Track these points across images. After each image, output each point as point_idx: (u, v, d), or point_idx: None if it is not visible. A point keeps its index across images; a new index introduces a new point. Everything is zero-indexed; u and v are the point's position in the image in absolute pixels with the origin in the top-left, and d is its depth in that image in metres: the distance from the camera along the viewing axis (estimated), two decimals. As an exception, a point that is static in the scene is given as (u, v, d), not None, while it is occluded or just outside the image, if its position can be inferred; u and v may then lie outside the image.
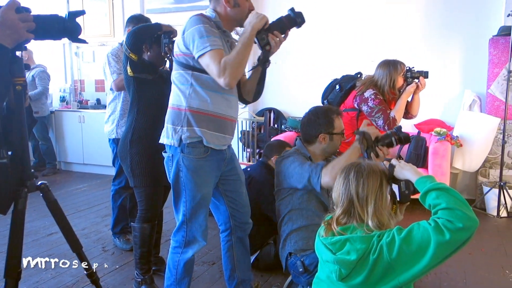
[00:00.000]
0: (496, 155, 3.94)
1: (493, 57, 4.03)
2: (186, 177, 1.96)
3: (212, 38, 1.82)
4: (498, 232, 3.51)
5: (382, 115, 2.81)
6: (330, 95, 3.08)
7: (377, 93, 2.88)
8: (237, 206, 2.17)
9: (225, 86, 1.82)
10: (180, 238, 2.04)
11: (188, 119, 1.94)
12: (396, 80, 2.90)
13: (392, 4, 4.63)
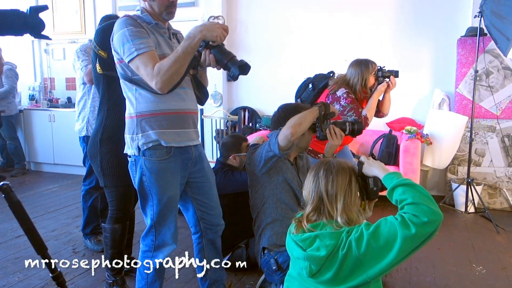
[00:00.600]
0: (464, 153, 4.06)
1: (461, 57, 4.15)
2: (150, 180, 1.91)
3: (138, 41, 1.76)
4: (466, 228, 3.61)
5: (354, 114, 2.85)
6: (303, 93, 3.11)
7: (349, 92, 2.92)
8: (206, 208, 2.13)
9: (158, 90, 1.77)
10: (149, 242, 2.00)
11: (141, 125, 1.88)
12: (367, 79, 2.95)
13: (364, 5, 4.70)
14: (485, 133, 4.05)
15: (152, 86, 1.77)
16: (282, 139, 2.08)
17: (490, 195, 4.08)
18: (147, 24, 1.88)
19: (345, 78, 3.00)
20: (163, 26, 1.96)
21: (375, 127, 4.70)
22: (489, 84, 4.03)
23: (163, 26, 1.96)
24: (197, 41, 1.77)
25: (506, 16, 3.35)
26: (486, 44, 3.94)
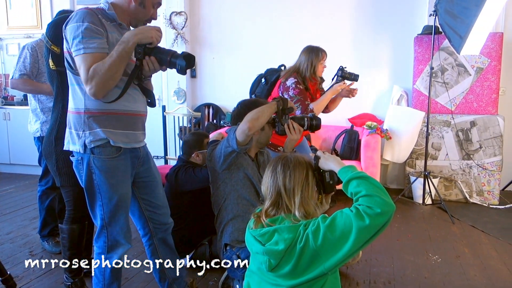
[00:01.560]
0: (421, 147, 4.20)
1: (418, 55, 4.28)
2: (100, 179, 1.85)
3: (89, 39, 1.70)
4: (423, 219, 3.74)
5: (301, 106, 2.90)
6: (257, 89, 3.14)
7: (298, 82, 2.96)
8: (154, 208, 2.10)
9: (91, 95, 1.73)
10: (102, 243, 1.94)
11: (89, 122, 1.81)
12: (316, 66, 3.01)
13: (324, 3, 4.76)
14: (441, 127, 4.21)
15: (86, 90, 1.73)
16: (240, 134, 2.09)
17: (446, 187, 4.24)
18: (110, 22, 1.81)
19: (296, 65, 3.06)
20: (126, 27, 1.91)
21: (337, 122, 4.80)
22: (444, 80, 4.19)
23: (126, 27, 1.91)
24: (132, 45, 1.73)
25: (458, 15, 3.48)
26: (441, 42, 4.09)
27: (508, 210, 3.94)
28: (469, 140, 4.14)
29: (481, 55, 4.04)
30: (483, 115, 4.11)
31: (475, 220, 3.69)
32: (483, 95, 4.13)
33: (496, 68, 4.09)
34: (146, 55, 1.76)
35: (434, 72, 4.16)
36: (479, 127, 4.10)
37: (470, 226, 3.56)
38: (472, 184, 4.16)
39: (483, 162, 4.11)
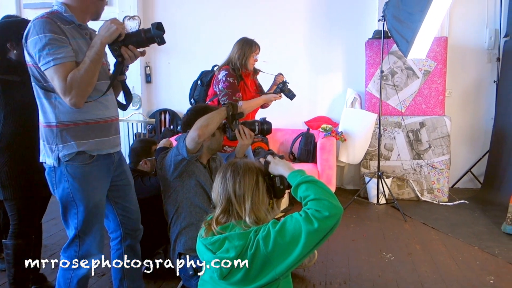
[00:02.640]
0: (375, 148, 4.32)
1: (369, 58, 4.41)
2: (74, 186, 1.81)
3: (56, 50, 1.66)
4: (378, 218, 3.85)
5: (228, 99, 2.94)
6: (195, 93, 3.17)
7: (229, 74, 3.00)
8: (127, 212, 2.07)
9: (72, 106, 1.70)
10: (72, 253, 1.88)
11: (62, 135, 1.77)
12: (248, 58, 3.06)
13: (277, 9, 4.82)
14: (392, 129, 4.35)
15: (66, 102, 1.69)
16: (190, 142, 2.07)
17: (399, 187, 4.38)
18: (68, 26, 1.75)
19: (229, 56, 3.11)
20: (86, 27, 1.86)
21: (294, 126, 4.86)
22: (394, 83, 4.34)
23: (86, 27, 1.87)
24: (102, 47, 1.74)
25: (404, 20, 3.62)
26: (390, 46, 4.23)
27: (456, 207, 4.12)
28: (419, 140, 4.30)
29: (428, 58, 4.22)
30: (431, 116, 4.29)
31: (426, 217, 3.84)
32: (431, 97, 4.31)
33: (442, 71, 4.28)
34: (122, 47, 1.78)
35: (385, 75, 4.30)
36: (428, 127, 4.27)
37: (421, 223, 3.70)
38: (423, 183, 4.32)
39: (433, 161, 4.28)
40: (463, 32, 4.62)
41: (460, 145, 4.71)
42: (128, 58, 1.81)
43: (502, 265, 2.88)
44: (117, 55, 1.80)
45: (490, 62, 4.61)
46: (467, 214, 3.91)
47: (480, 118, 4.72)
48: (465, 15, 4.58)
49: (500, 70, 4.48)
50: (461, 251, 3.11)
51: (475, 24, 4.60)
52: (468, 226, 3.59)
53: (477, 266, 2.86)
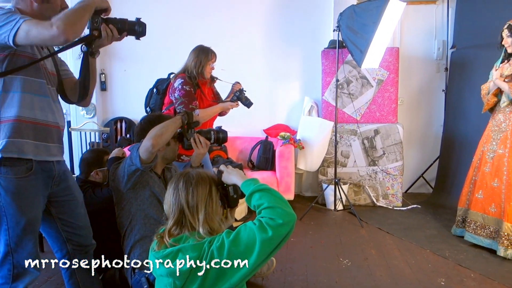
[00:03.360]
0: (332, 155, 4.39)
1: (325, 67, 4.50)
2: (6, 200, 1.71)
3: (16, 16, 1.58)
4: (335, 224, 3.91)
5: (184, 107, 2.92)
6: (151, 101, 3.13)
7: (185, 83, 2.97)
8: (74, 229, 1.99)
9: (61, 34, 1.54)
10: (5, 272, 1.77)
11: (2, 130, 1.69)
12: (204, 65, 3.05)
13: (235, 16, 4.83)
14: (348, 136, 4.45)
15: (52, 33, 1.54)
16: (143, 152, 2.02)
17: (355, 193, 4.48)
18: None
19: (186, 64, 3.10)
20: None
21: (253, 133, 4.87)
22: (350, 92, 4.44)
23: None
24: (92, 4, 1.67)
25: (358, 31, 3.72)
26: (345, 56, 4.34)
27: (409, 211, 4.26)
28: (374, 147, 4.42)
29: (381, 68, 4.36)
30: (385, 124, 4.42)
31: (381, 222, 3.93)
32: (384, 105, 4.44)
33: (394, 80, 4.43)
34: (103, 24, 1.75)
35: (340, 84, 4.40)
36: (382, 135, 4.40)
37: (377, 228, 3.79)
38: (378, 189, 4.44)
39: (387, 167, 4.40)
40: (414, 43, 4.81)
41: (412, 152, 4.88)
42: (105, 37, 1.76)
43: (452, 267, 2.99)
44: (95, 28, 1.74)
45: (439, 72, 4.82)
46: (419, 218, 4.04)
47: (431, 125, 4.92)
48: (415, 27, 4.78)
49: (448, 79, 4.70)
50: (414, 254, 3.20)
51: (425, 36, 4.81)
52: (421, 230, 3.71)
53: (429, 269, 2.95)
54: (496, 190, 3.17)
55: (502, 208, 3.10)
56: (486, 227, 3.21)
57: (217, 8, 4.84)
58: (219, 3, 4.84)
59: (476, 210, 3.29)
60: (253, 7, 4.84)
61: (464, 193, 3.45)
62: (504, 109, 3.19)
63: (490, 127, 3.31)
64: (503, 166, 3.14)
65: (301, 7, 4.79)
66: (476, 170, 3.35)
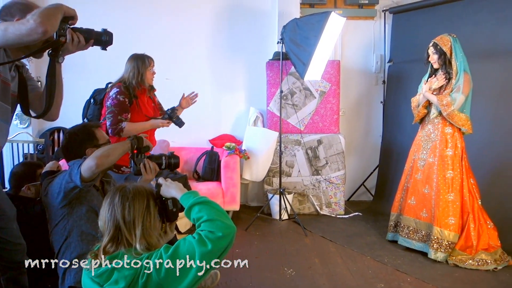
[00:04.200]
0: (277, 165, 4.44)
1: (270, 79, 4.57)
2: None
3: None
4: (280, 234, 3.94)
5: (112, 118, 2.87)
6: (88, 111, 3.04)
7: (121, 92, 2.92)
8: (4, 244, 1.90)
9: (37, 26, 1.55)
10: None
11: None
12: (144, 74, 3.01)
13: (180, 27, 4.79)
14: (293, 146, 4.52)
15: (30, 26, 1.54)
16: (86, 170, 1.91)
17: (300, 202, 4.55)
18: None
19: (123, 75, 3.03)
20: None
21: (199, 144, 4.81)
22: (294, 103, 4.53)
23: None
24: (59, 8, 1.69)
25: (301, 44, 3.82)
26: (289, 67, 4.41)
27: (352, 219, 4.39)
28: (317, 157, 4.52)
29: (323, 80, 4.48)
30: (327, 134, 4.54)
31: (325, 230, 4.02)
32: (327, 115, 4.57)
33: (336, 91, 4.57)
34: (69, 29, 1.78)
35: (285, 95, 4.48)
36: (325, 145, 4.51)
37: (320, 236, 3.86)
38: (322, 197, 4.54)
39: (330, 176, 4.52)
40: (354, 57, 5.01)
41: (353, 161, 5.05)
42: (70, 42, 1.77)
43: (391, 272, 3.10)
44: (62, 34, 1.75)
45: (377, 84, 5.04)
46: (361, 225, 4.18)
47: (370, 135, 5.12)
48: (355, 41, 4.98)
49: (385, 91, 4.92)
50: (355, 261, 3.30)
51: (364, 50, 5.02)
52: (362, 237, 3.83)
53: (369, 275, 3.05)
54: (427, 196, 3.36)
55: (433, 213, 3.29)
56: (418, 231, 3.40)
57: (160, 17, 4.77)
58: (162, 11, 4.77)
59: (409, 216, 3.47)
60: (198, 16, 4.81)
61: (397, 199, 3.64)
62: (433, 120, 3.39)
63: (420, 137, 3.51)
64: (433, 174, 3.33)
65: (246, 19, 4.83)
66: (408, 177, 3.54)
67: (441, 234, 3.21)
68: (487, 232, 3.20)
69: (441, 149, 3.31)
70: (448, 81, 3.32)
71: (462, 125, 3.24)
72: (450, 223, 3.20)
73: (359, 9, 4.89)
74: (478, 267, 3.11)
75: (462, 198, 3.23)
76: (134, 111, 2.97)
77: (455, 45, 3.27)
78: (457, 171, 3.25)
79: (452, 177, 3.25)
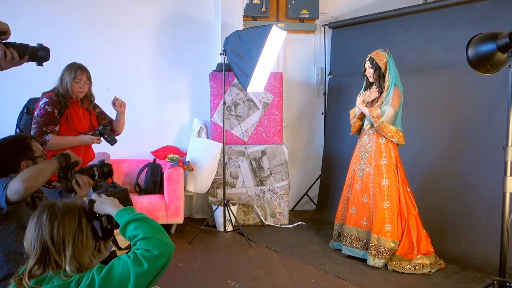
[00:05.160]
0: (221, 176, 4.41)
1: (214, 90, 4.55)
2: None
3: None
4: (225, 246, 3.90)
5: (36, 129, 2.78)
6: (21, 122, 2.90)
7: (50, 103, 2.83)
8: None
9: None
10: None
11: None
12: (69, 84, 2.92)
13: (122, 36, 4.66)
14: (237, 157, 4.52)
15: None
16: (13, 194, 1.77)
17: (244, 213, 4.54)
18: None
19: (56, 83, 2.96)
20: None
21: (140, 156, 4.68)
22: (237, 114, 4.54)
23: None
24: None
25: (243, 56, 3.85)
26: (232, 79, 4.43)
27: (295, 228, 4.44)
28: (261, 167, 4.55)
29: (266, 91, 4.54)
30: (271, 145, 4.59)
31: (269, 241, 4.03)
32: (270, 127, 4.62)
33: (279, 103, 4.64)
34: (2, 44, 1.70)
35: (228, 106, 4.47)
36: (269, 155, 4.55)
37: (265, 247, 3.87)
38: (266, 208, 4.56)
39: (274, 186, 4.56)
40: (296, 69, 5.12)
41: (296, 171, 5.13)
42: (2, 59, 1.68)
43: (332, 280, 3.17)
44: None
45: (319, 96, 5.19)
46: (304, 235, 4.24)
47: (313, 145, 5.24)
48: (297, 54, 5.10)
49: (326, 103, 5.07)
50: (298, 270, 3.33)
51: (305, 62, 5.15)
52: (305, 246, 3.88)
53: (312, 284, 3.09)
54: (366, 205, 3.49)
55: (371, 221, 3.41)
56: (360, 240, 3.51)
57: (100, 24, 4.61)
58: (102, 18, 4.61)
59: (351, 225, 3.58)
60: (141, 26, 4.71)
61: (339, 209, 3.74)
62: (368, 131, 3.54)
63: (358, 148, 3.65)
64: (370, 183, 3.47)
65: (190, 29, 4.79)
66: (349, 187, 3.66)
67: (378, 241, 3.33)
68: (425, 238, 3.35)
69: (376, 158, 3.45)
70: (380, 95, 3.48)
71: (391, 136, 3.40)
72: (387, 229, 3.33)
73: (300, 23, 5.02)
74: (415, 271, 3.25)
75: (399, 206, 3.37)
76: (64, 123, 2.83)
77: (390, 61, 3.44)
78: (392, 179, 3.39)
79: (387, 185, 3.38)
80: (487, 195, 3.44)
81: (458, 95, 3.81)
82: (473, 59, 2.42)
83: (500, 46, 2.28)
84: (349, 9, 5.07)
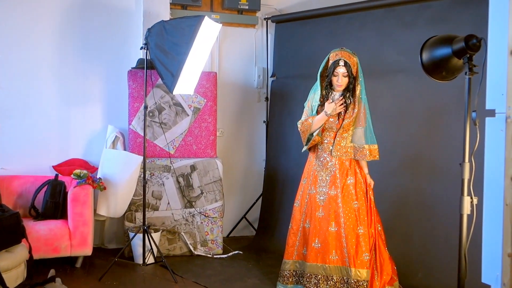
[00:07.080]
0: (140, 197, 4.32)
1: (133, 91, 4.47)
2: None
3: None
4: (144, 283, 3.82)
5: None
6: None
7: None
8: None
9: None
10: None
11: None
12: None
13: (18, 21, 4.48)
14: (161, 173, 4.46)
15: None
16: None
17: (169, 241, 4.48)
18: None
19: None
20: None
21: (38, 171, 4.49)
22: (162, 121, 4.49)
23: None
24: None
25: (169, 51, 3.82)
26: (156, 78, 4.38)
27: (231, 258, 4.45)
28: (190, 186, 4.52)
29: (198, 94, 4.54)
30: (202, 158, 4.58)
31: (198, 274, 4.00)
32: (202, 136, 4.62)
33: (213, 108, 4.66)
34: None
35: (151, 111, 4.42)
36: (200, 171, 4.54)
37: (193, 282, 3.83)
38: (196, 234, 4.53)
39: (205, 208, 4.54)
40: (233, 69, 5.18)
41: (233, 190, 5.16)
42: None
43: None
44: None
45: (260, 101, 5.28)
46: (241, 266, 4.25)
47: (252, 159, 5.31)
48: (235, 51, 5.17)
49: (268, 110, 5.16)
50: (233, 310, 3.33)
51: (245, 61, 5.24)
52: (242, 280, 3.90)
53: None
54: (335, 235, 3.34)
55: (345, 254, 3.30)
56: (329, 279, 3.33)
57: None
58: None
59: (315, 262, 3.38)
60: (42, 12, 4.54)
61: (290, 243, 3.56)
62: (328, 147, 3.44)
63: (313, 167, 3.52)
64: (339, 209, 3.35)
65: (104, 17, 4.70)
66: (305, 215, 3.51)
67: (360, 275, 3.23)
68: (389, 261, 3.38)
69: (341, 178, 3.39)
70: (346, 109, 3.40)
71: (374, 156, 3.43)
72: (365, 259, 3.26)
73: (238, 15, 5.09)
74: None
75: (369, 230, 3.34)
76: None
77: (360, 68, 3.40)
78: (362, 200, 3.36)
79: (358, 208, 3.34)
80: (445, 215, 3.64)
81: (417, 103, 3.99)
82: (427, 65, 2.56)
83: (455, 50, 2.43)
84: (295, 1, 5.24)
